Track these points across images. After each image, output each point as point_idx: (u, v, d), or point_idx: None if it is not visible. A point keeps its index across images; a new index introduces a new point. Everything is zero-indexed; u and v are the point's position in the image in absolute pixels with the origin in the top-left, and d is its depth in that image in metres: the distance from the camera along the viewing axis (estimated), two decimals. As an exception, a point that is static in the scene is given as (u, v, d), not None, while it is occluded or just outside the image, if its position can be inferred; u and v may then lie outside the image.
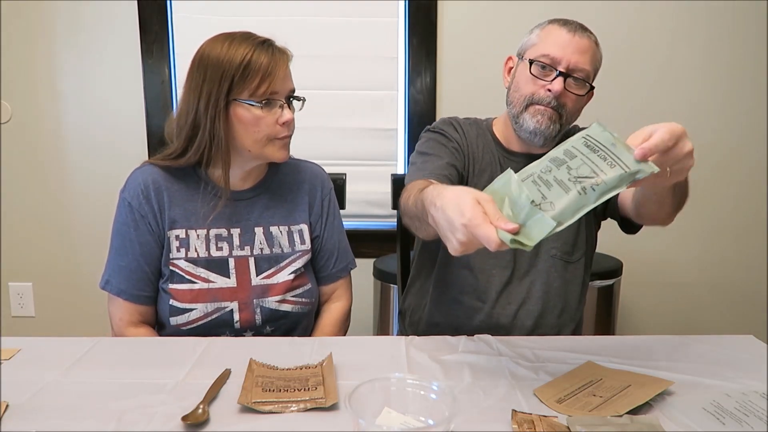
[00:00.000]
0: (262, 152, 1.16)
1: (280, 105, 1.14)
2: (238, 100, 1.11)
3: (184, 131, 1.14)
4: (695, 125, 2.25)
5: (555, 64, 1.18)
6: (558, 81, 1.18)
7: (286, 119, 1.15)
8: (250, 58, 1.10)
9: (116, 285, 1.17)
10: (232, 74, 1.10)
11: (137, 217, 1.17)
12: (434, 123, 1.35)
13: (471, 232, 0.76)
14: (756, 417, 0.82)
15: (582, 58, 1.19)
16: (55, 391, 0.89)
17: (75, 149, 2.25)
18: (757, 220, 2.32)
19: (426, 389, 0.80)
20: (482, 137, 1.32)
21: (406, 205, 1.07)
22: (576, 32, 1.19)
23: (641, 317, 2.38)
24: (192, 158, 1.16)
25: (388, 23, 2.20)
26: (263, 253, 1.22)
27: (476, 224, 0.76)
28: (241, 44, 1.11)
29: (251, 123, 1.13)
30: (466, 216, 0.77)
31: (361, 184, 2.24)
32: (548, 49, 1.19)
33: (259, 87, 1.11)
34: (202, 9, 2.17)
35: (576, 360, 1.00)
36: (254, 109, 1.12)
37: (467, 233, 0.77)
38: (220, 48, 1.11)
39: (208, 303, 1.16)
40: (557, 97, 1.19)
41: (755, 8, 2.18)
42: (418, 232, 1.09)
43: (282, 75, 1.13)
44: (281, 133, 1.16)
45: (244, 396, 0.85)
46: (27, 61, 2.19)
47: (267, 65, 1.10)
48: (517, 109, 1.23)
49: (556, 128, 1.21)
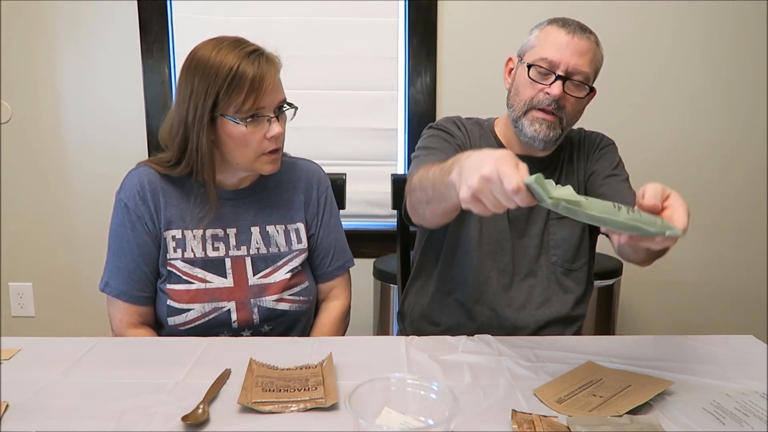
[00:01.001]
0: (251, 167, 1.16)
1: (268, 119, 1.12)
2: (225, 116, 1.10)
3: (176, 141, 1.14)
4: (695, 125, 2.26)
5: (553, 68, 1.17)
6: (557, 85, 1.17)
7: (273, 133, 1.12)
8: (235, 71, 1.07)
9: (115, 287, 1.17)
10: (217, 89, 1.07)
11: (134, 218, 1.17)
12: (437, 120, 1.34)
13: (498, 168, 0.77)
14: (756, 417, 0.82)
15: (581, 60, 1.17)
16: (55, 391, 0.90)
17: (75, 149, 2.25)
18: (757, 220, 2.32)
19: (426, 389, 0.80)
20: (485, 138, 1.31)
21: (420, 179, 1.05)
22: (575, 33, 1.18)
23: (641, 317, 2.38)
24: (184, 170, 1.16)
25: (388, 23, 2.20)
26: (260, 252, 1.22)
27: (506, 162, 0.78)
28: (228, 54, 1.08)
29: (238, 139, 1.11)
30: (499, 155, 0.80)
31: (361, 184, 2.24)
32: (546, 52, 1.18)
33: (244, 102, 1.08)
34: (202, 9, 2.17)
35: (576, 360, 1.00)
36: (240, 126, 1.10)
37: (493, 169, 0.77)
38: (208, 56, 1.09)
39: (205, 303, 1.16)
40: (557, 101, 1.18)
41: (755, 8, 2.18)
42: (426, 207, 1.06)
43: (269, 88, 1.10)
44: (269, 148, 1.14)
45: (244, 396, 0.85)
46: (27, 61, 2.19)
47: (253, 78, 1.07)
48: (517, 113, 1.23)
49: (556, 134, 1.21)
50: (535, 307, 1.27)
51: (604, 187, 1.25)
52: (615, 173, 1.27)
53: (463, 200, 0.82)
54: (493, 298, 1.27)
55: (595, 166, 1.30)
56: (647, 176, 2.42)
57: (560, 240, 1.28)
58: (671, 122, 2.25)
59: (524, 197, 0.77)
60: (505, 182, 0.76)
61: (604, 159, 1.30)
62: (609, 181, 1.26)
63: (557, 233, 1.28)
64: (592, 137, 1.34)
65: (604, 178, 1.27)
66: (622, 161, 1.32)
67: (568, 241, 1.28)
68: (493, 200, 0.79)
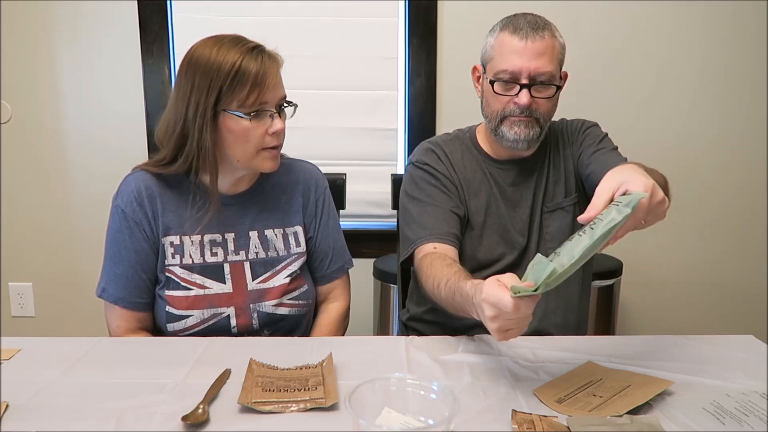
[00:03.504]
0: (251, 164, 1.15)
1: (270, 115, 1.12)
2: (227, 110, 1.09)
3: (173, 139, 1.13)
4: (695, 126, 2.25)
5: (515, 78, 1.17)
6: (523, 94, 1.16)
7: (276, 129, 1.12)
8: (239, 67, 1.06)
9: (113, 293, 1.16)
10: (220, 84, 1.07)
11: (131, 224, 1.16)
12: (416, 155, 1.32)
13: (492, 311, 0.83)
14: (756, 417, 0.82)
15: (541, 62, 1.15)
16: (55, 391, 0.90)
17: (75, 149, 2.25)
18: (757, 221, 2.32)
19: (426, 389, 0.80)
20: (467, 154, 1.31)
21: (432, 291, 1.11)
22: (528, 37, 1.15)
23: (641, 317, 2.38)
24: (181, 167, 1.14)
25: (388, 23, 2.20)
26: (258, 257, 1.21)
27: (491, 294, 0.83)
28: (230, 50, 1.08)
29: (240, 134, 1.10)
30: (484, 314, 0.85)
31: (361, 184, 2.24)
32: (505, 64, 1.17)
33: (248, 97, 1.08)
34: (202, 9, 2.17)
35: (576, 360, 1.00)
36: (243, 120, 1.09)
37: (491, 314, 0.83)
38: (209, 53, 1.08)
39: (204, 309, 1.16)
40: (528, 107, 1.18)
41: (755, 9, 2.18)
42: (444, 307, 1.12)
43: (272, 83, 1.10)
44: (270, 143, 1.13)
45: (244, 396, 0.85)
46: (27, 61, 2.19)
47: (257, 74, 1.07)
48: (494, 123, 1.23)
49: (536, 132, 1.21)
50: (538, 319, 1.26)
51: (593, 165, 1.25)
52: (600, 147, 1.27)
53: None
54: None
55: (580, 148, 1.30)
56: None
57: (555, 232, 1.28)
58: (671, 123, 2.25)
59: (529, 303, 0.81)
60: (502, 306, 0.81)
61: (588, 138, 1.30)
62: (595, 156, 1.26)
63: (550, 226, 1.29)
64: (574, 124, 1.34)
65: (590, 155, 1.27)
66: (607, 136, 1.32)
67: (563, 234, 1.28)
68: (513, 323, 0.84)
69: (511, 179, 1.29)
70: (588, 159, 1.27)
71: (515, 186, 1.29)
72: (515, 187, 1.29)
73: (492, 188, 1.28)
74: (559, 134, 1.33)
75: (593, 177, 1.21)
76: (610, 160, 1.20)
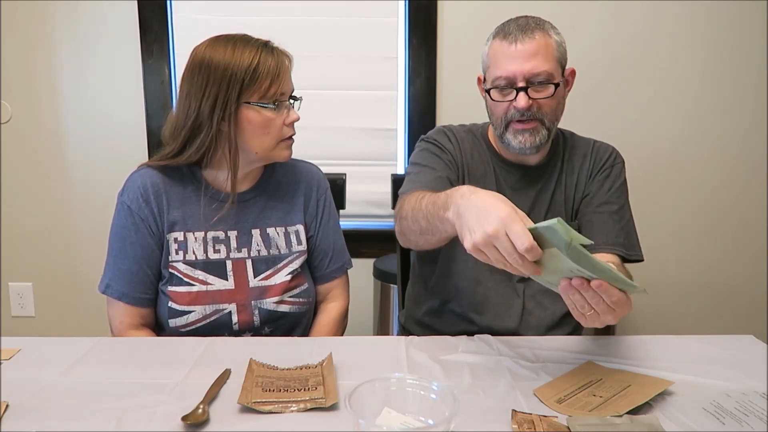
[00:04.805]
0: (270, 154, 1.18)
1: (286, 106, 1.17)
2: (250, 103, 1.12)
3: (183, 132, 1.14)
4: (696, 127, 2.25)
5: (511, 83, 1.16)
6: (521, 97, 1.16)
7: (293, 119, 1.17)
8: (258, 62, 1.11)
9: (117, 289, 1.17)
10: (242, 77, 1.10)
11: (137, 220, 1.17)
12: (429, 132, 1.33)
13: (505, 225, 0.79)
14: (756, 417, 0.82)
15: (534, 63, 1.15)
16: (55, 391, 0.90)
17: (75, 149, 2.25)
18: (757, 221, 2.32)
19: (426, 389, 0.80)
20: (477, 147, 1.31)
21: (412, 210, 1.07)
22: (517, 41, 1.15)
23: (641, 317, 2.38)
24: (193, 157, 1.15)
25: (388, 23, 2.20)
26: (260, 254, 1.22)
27: (513, 219, 0.79)
28: (245, 47, 1.12)
29: (261, 125, 1.14)
30: (505, 210, 0.81)
31: (361, 184, 2.24)
32: (499, 71, 1.17)
33: (269, 89, 1.13)
34: (202, 9, 2.17)
35: (576, 360, 1.01)
36: (265, 111, 1.13)
37: (500, 226, 0.79)
38: (224, 52, 1.11)
39: (206, 305, 1.17)
40: (528, 109, 1.17)
41: (756, 9, 2.18)
42: (419, 237, 1.08)
43: (287, 76, 1.16)
44: (288, 134, 1.18)
45: (244, 396, 0.85)
46: (27, 61, 2.19)
47: (275, 67, 1.13)
48: (499, 130, 1.22)
49: (542, 136, 1.20)
50: (535, 314, 1.26)
51: (595, 216, 1.24)
52: (610, 200, 1.25)
53: (468, 250, 0.85)
54: (491, 307, 1.26)
55: (593, 186, 1.27)
56: (649, 178, 2.43)
57: None
58: (672, 125, 2.25)
59: (535, 253, 0.79)
60: (517, 243, 0.78)
61: (608, 180, 1.27)
62: (599, 211, 1.25)
63: None
64: (602, 151, 1.30)
65: (597, 205, 1.25)
66: (625, 182, 1.29)
67: None
68: (498, 256, 0.82)
69: (513, 183, 1.28)
70: (594, 208, 1.25)
71: (515, 191, 1.27)
72: (515, 192, 1.27)
73: (494, 184, 1.28)
74: (582, 152, 1.30)
75: (585, 228, 1.25)
76: (607, 228, 1.22)
